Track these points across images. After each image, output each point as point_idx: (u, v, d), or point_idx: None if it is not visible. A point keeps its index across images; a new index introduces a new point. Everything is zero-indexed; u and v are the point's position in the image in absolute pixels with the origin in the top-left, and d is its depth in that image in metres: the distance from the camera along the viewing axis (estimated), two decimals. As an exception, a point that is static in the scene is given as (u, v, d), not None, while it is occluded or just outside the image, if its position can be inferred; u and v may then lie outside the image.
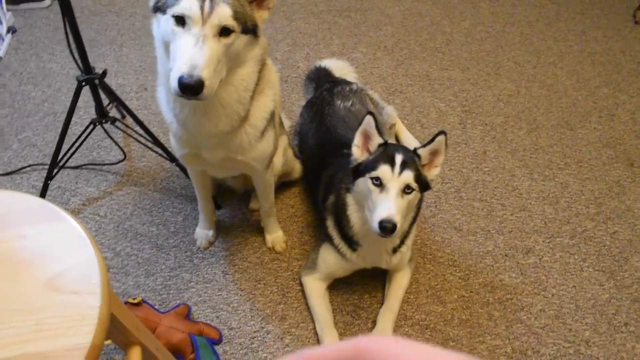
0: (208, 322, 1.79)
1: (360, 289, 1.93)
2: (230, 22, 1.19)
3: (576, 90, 2.86)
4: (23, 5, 3.09)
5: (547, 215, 2.25)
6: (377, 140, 1.59)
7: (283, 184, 2.19)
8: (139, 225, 2.03)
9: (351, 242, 1.72)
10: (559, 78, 2.93)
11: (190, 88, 1.15)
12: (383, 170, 1.49)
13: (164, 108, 1.48)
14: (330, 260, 1.80)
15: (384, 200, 1.47)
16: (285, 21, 3.06)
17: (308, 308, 1.84)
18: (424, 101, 2.65)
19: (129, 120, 2.39)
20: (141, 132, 2.08)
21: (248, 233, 2.05)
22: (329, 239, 1.79)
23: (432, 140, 1.55)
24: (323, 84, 2.32)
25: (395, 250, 1.75)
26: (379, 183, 1.49)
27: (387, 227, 1.43)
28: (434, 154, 1.58)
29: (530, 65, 2.95)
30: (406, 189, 1.49)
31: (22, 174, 2.20)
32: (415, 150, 1.58)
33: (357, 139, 1.62)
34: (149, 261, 1.93)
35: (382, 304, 1.89)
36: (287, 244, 2.02)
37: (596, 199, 2.34)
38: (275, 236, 2.00)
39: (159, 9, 1.23)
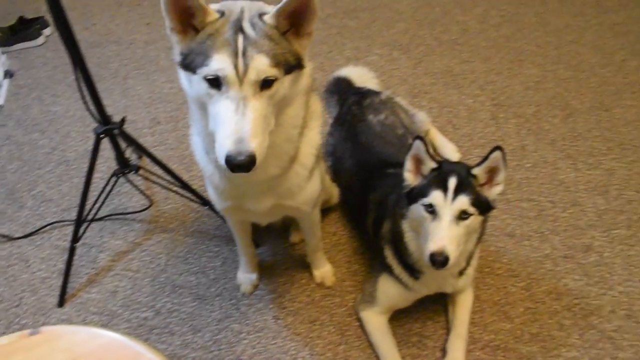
0: (267, 375, 1.61)
1: (422, 315, 1.75)
2: (271, 72, 0.96)
3: (603, 67, 2.66)
4: (17, 46, 2.84)
5: (600, 207, 2.06)
6: (429, 164, 1.43)
7: (322, 211, 1.98)
8: (176, 276, 1.84)
9: (413, 271, 1.55)
10: (583, 56, 2.71)
11: (241, 167, 0.94)
12: (435, 197, 1.35)
13: (201, 159, 1.27)
14: (392, 291, 1.62)
15: (436, 229, 1.33)
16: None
17: (371, 345, 1.66)
18: (451, 99, 2.44)
19: (146, 160, 2.18)
20: (162, 174, 1.87)
21: (293, 270, 1.86)
22: (388, 269, 1.61)
23: (487, 157, 1.39)
24: (347, 96, 2.11)
25: (461, 273, 1.58)
26: (431, 210, 1.35)
27: (437, 261, 1.30)
28: (492, 171, 1.41)
29: (552, 47, 2.73)
30: (462, 215, 1.34)
31: (42, 234, 2.00)
32: (469, 170, 1.41)
33: (408, 164, 1.47)
34: (193, 315, 1.74)
35: (447, 329, 1.71)
36: (336, 277, 1.82)
37: (646, 182, 2.15)
38: (324, 270, 1.81)
39: (187, 67, 1.00)
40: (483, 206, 1.37)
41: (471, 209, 1.34)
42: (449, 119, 2.35)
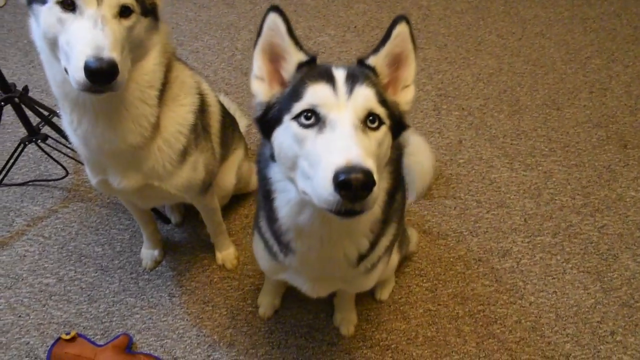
0: (150, 352, 1.51)
1: (315, 307, 1.59)
2: (129, 0, 0.92)
3: (565, 63, 2.36)
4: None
5: (528, 211, 1.84)
6: (296, 56, 0.83)
7: (237, 195, 1.82)
8: (84, 245, 1.73)
9: (281, 244, 0.97)
10: (546, 50, 2.41)
11: (101, 73, 0.84)
12: (317, 92, 0.75)
13: (67, 129, 1.12)
14: (261, 252, 1.14)
15: (332, 140, 0.72)
16: (249, 5, 2.58)
17: (258, 331, 1.53)
18: (396, 87, 2.19)
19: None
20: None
21: (198, 249, 1.72)
22: (260, 233, 1.08)
23: (388, 35, 0.83)
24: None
25: (362, 258, 0.93)
26: (312, 121, 0.75)
27: (353, 180, 0.64)
28: (397, 61, 0.85)
29: (515, 38, 2.43)
30: (369, 120, 0.75)
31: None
32: (362, 61, 0.85)
33: (257, 64, 0.85)
34: (92, 285, 1.63)
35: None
36: (239, 260, 1.69)
37: (584, 188, 1.91)
38: (226, 253, 1.68)
39: None
40: (394, 117, 0.81)
41: (380, 109, 0.76)
42: (389, 107, 2.12)
